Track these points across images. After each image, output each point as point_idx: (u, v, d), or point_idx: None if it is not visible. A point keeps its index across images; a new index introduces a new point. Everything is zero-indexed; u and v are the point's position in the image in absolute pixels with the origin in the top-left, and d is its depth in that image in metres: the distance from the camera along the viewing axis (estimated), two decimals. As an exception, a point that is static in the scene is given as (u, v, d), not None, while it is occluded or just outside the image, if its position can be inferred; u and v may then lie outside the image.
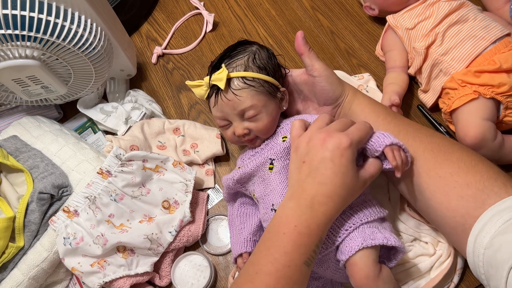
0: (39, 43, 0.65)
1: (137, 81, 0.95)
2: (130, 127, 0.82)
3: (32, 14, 0.62)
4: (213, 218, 0.78)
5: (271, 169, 0.62)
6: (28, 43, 0.65)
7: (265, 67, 0.65)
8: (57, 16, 0.64)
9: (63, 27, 0.65)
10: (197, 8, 1.01)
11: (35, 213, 0.69)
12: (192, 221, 0.74)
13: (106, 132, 0.88)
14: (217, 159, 0.84)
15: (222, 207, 0.80)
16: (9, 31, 0.62)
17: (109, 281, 0.69)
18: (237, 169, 0.66)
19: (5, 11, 0.60)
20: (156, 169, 0.73)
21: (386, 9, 0.83)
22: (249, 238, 0.67)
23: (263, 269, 0.49)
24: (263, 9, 0.99)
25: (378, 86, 0.83)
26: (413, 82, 0.83)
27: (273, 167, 0.62)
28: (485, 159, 0.56)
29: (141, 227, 0.70)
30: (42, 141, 0.77)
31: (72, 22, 0.66)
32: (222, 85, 0.62)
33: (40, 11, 0.63)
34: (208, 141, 0.81)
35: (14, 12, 0.61)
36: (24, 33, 0.63)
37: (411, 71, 0.79)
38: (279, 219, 0.52)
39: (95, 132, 0.88)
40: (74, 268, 0.68)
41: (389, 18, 0.81)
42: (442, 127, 0.77)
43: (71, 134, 0.82)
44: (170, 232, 0.72)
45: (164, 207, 0.73)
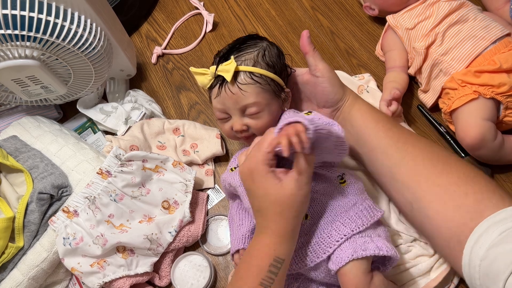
0: (39, 43, 0.65)
1: (137, 81, 0.95)
2: (130, 127, 0.82)
3: (32, 14, 0.62)
4: (213, 218, 0.78)
5: None
6: (28, 43, 0.65)
7: (274, 65, 0.64)
8: (56, 16, 0.64)
9: (63, 27, 0.65)
10: (197, 8, 1.01)
11: (35, 213, 0.69)
12: (192, 221, 0.74)
13: (106, 132, 0.87)
14: (217, 159, 0.84)
15: (222, 207, 0.79)
16: (9, 31, 0.62)
17: (109, 281, 0.69)
18: (229, 171, 0.66)
19: (5, 11, 0.60)
20: (156, 169, 0.73)
21: (386, 9, 0.82)
22: (247, 235, 0.66)
23: None
24: (263, 9, 0.99)
25: (378, 86, 0.83)
26: (413, 82, 0.83)
27: None
28: (484, 173, 0.56)
29: (140, 227, 0.70)
30: (42, 141, 0.77)
31: (72, 22, 0.66)
32: (228, 77, 0.60)
33: (40, 11, 0.63)
34: (208, 141, 0.81)
35: (14, 12, 0.61)
36: (24, 33, 0.63)
37: (411, 71, 0.79)
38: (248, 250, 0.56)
39: (94, 132, 0.88)
40: (73, 268, 0.68)
41: (389, 18, 0.81)
42: (442, 127, 0.77)
43: (71, 134, 0.82)
44: (170, 232, 0.72)
45: (164, 207, 0.73)
